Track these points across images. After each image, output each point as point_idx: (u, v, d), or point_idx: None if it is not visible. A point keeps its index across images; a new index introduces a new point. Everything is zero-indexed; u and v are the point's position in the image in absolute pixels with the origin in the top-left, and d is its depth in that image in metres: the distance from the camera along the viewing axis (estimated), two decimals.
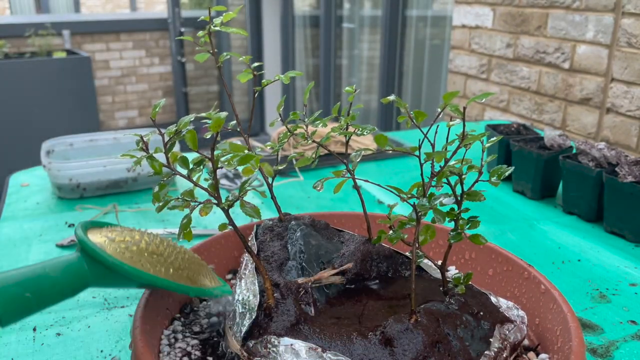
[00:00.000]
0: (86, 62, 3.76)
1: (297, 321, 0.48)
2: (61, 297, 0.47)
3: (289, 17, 4.17)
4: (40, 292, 0.45)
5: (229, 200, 0.47)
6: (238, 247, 0.69)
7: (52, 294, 0.46)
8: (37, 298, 0.45)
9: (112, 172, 1.04)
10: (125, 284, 0.52)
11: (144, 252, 0.52)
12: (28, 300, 0.44)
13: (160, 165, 0.48)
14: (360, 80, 3.46)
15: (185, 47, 4.60)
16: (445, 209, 0.50)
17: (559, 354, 0.51)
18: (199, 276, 0.55)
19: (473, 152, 0.54)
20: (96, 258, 0.48)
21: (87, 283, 0.48)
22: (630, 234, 0.89)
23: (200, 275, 0.56)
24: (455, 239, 0.51)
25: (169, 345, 0.55)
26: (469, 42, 1.91)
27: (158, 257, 0.52)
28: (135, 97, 4.62)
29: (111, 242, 0.51)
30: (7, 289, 0.44)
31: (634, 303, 0.72)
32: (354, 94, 0.56)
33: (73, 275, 0.47)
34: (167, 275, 0.51)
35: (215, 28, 0.55)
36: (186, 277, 0.53)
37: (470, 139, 0.48)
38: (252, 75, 0.57)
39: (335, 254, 0.58)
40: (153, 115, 0.48)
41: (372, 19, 3.26)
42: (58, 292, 0.47)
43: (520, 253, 0.85)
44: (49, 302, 0.46)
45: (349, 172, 0.56)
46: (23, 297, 0.44)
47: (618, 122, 1.40)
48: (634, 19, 1.33)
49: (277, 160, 0.61)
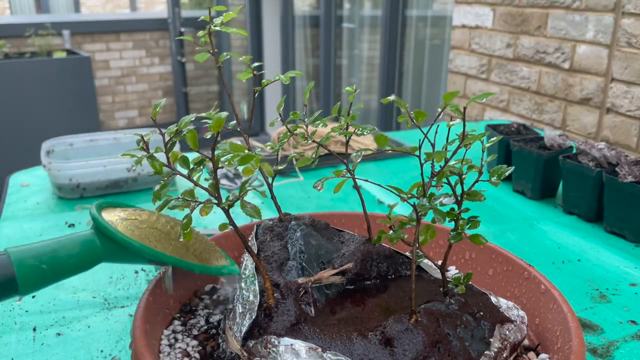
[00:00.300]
0: (86, 62, 3.77)
1: (297, 321, 0.48)
2: (76, 271, 0.51)
3: (289, 17, 4.17)
4: (56, 265, 0.50)
5: (230, 200, 0.47)
6: (238, 247, 0.69)
7: (67, 267, 0.50)
8: (53, 270, 0.49)
9: (112, 172, 1.04)
10: (135, 260, 0.55)
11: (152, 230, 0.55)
12: (44, 272, 0.49)
13: (161, 164, 0.48)
14: (360, 80, 3.46)
15: (185, 47, 4.60)
16: (446, 209, 0.50)
17: (559, 354, 0.51)
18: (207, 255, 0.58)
19: (473, 152, 0.54)
20: (107, 234, 0.52)
21: (99, 258, 0.52)
22: (630, 234, 0.89)
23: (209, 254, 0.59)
24: (456, 239, 0.51)
25: (169, 346, 0.55)
26: (469, 42, 1.91)
27: (166, 235, 0.56)
28: (135, 97, 4.62)
29: (122, 221, 0.55)
30: (25, 260, 0.48)
31: (634, 303, 0.72)
32: (354, 94, 0.56)
33: (87, 250, 0.51)
34: (174, 253, 0.54)
35: (216, 28, 0.55)
36: (192, 254, 0.57)
37: (471, 139, 0.48)
38: (252, 74, 0.57)
39: (336, 254, 0.58)
40: (154, 114, 0.48)
41: (372, 19, 3.26)
42: (73, 266, 0.51)
43: (520, 253, 0.85)
44: (63, 275, 0.50)
45: (349, 172, 0.56)
46: (39, 269, 0.48)
47: (618, 122, 1.40)
48: (634, 19, 1.33)
49: (277, 160, 0.61)
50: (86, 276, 0.77)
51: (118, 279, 0.77)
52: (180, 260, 0.55)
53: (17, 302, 0.71)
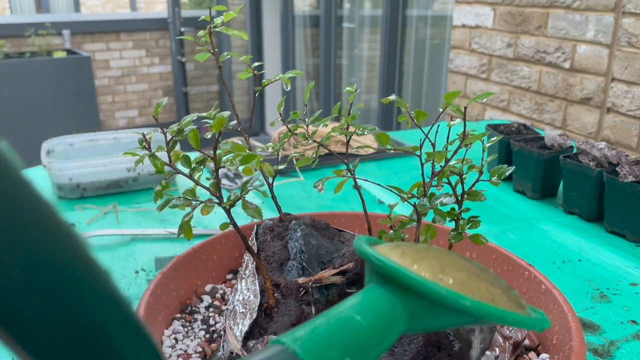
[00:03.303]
0: (86, 61, 3.77)
1: (297, 321, 0.48)
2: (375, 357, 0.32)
3: (289, 17, 4.17)
4: (360, 353, 0.31)
5: (231, 199, 0.47)
6: (238, 247, 0.69)
7: (368, 351, 0.31)
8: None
9: (112, 172, 1.04)
10: (446, 323, 0.36)
11: (464, 273, 0.36)
12: None
13: (163, 163, 0.48)
14: (360, 80, 3.46)
15: (186, 46, 4.60)
16: (446, 209, 0.50)
17: (559, 354, 0.51)
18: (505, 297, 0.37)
19: (473, 152, 0.54)
20: (420, 290, 0.33)
21: (401, 328, 0.34)
22: (630, 234, 0.89)
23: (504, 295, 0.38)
24: (456, 238, 0.51)
25: (170, 347, 0.55)
26: (469, 41, 1.91)
27: (470, 274, 0.36)
28: (135, 97, 4.62)
29: (417, 263, 0.35)
30: (322, 356, 0.30)
31: (635, 303, 0.72)
32: (354, 93, 0.56)
33: (386, 320, 0.33)
34: (495, 301, 0.35)
35: (216, 29, 0.55)
36: (501, 298, 0.36)
37: (471, 138, 0.48)
38: (252, 73, 0.57)
39: (336, 254, 0.58)
40: (156, 113, 0.48)
41: (372, 19, 3.26)
42: (373, 349, 0.32)
43: (520, 253, 0.85)
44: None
45: (349, 172, 0.56)
46: None
47: (618, 121, 1.40)
48: (635, 19, 1.33)
49: (277, 160, 0.61)
50: None
51: (118, 279, 0.77)
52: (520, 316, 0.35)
53: None
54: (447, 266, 0.35)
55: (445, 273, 0.35)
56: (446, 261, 0.36)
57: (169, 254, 0.83)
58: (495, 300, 0.35)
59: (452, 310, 0.33)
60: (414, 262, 0.35)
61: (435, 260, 0.36)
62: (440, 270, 0.35)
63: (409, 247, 0.38)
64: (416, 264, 0.35)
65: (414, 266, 0.34)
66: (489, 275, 0.37)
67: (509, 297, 0.36)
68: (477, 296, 0.34)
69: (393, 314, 0.33)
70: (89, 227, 0.93)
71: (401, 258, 0.36)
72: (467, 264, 0.37)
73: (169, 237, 0.89)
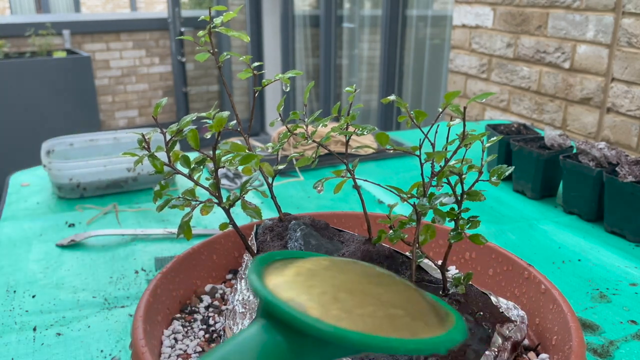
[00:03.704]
0: (86, 61, 3.76)
1: None
2: None
3: (289, 17, 4.17)
4: None
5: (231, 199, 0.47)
6: (238, 247, 0.69)
7: None
8: None
9: (112, 172, 1.04)
10: (338, 355, 0.33)
11: (344, 293, 0.34)
12: None
13: (162, 163, 0.48)
14: (360, 80, 3.46)
15: (186, 46, 4.60)
16: (446, 209, 0.50)
17: (559, 353, 0.51)
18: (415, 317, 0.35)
19: (473, 152, 0.54)
20: (301, 328, 0.30)
21: None
22: (630, 234, 0.89)
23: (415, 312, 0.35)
24: (456, 238, 0.51)
25: (170, 347, 0.55)
26: (469, 41, 1.91)
27: (364, 296, 0.34)
28: (135, 96, 4.62)
29: (308, 290, 0.33)
30: None
31: (634, 303, 0.72)
32: (354, 93, 0.56)
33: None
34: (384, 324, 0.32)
35: (216, 29, 0.55)
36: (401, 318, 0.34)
37: (471, 138, 0.48)
38: (252, 73, 0.57)
39: (336, 254, 0.58)
40: (155, 113, 0.48)
41: (372, 19, 3.26)
42: None
43: (520, 253, 0.85)
44: None
45: (349, 172, 0.56)
46: None
47: (618, 121, 1.40)
48: (634, 19, 1.33)
49: (277, 160, 0.61)
50: (86, 276, 0.77)
51: (118, 279, 0.77)
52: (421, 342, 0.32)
53: (17, 302, 0.71)
54: (342, 291, 0.34)
55: (337, 300, 0.33)
56: (344, 284, 0.35)
57: (168, 254, 0.83)
58: (395, 324, 0.33)
59: (337, 346, 0.31)
60: (305, 288, 0.33)
61: (330, 284, 0.34)
62: (333, 299, 0.33)
63: (306, 268, 0.36)
64: (305, 293, 0.33)
65: (302, 296, 0.32)
66: (397, 293, 0.36)
67: (418, 317, 0.34)
68: (368, 325, 0.31)
69: (275, 353, 0.30)
70: (89, 227, 0.93)
71: (292, 285, 0.34)
72: (370, 285, 0.36)
73: (168, 237, 0.89)
